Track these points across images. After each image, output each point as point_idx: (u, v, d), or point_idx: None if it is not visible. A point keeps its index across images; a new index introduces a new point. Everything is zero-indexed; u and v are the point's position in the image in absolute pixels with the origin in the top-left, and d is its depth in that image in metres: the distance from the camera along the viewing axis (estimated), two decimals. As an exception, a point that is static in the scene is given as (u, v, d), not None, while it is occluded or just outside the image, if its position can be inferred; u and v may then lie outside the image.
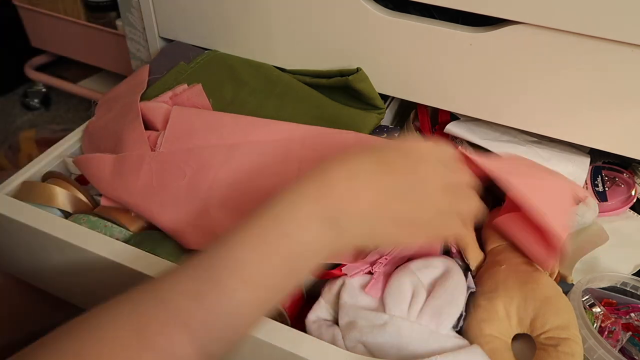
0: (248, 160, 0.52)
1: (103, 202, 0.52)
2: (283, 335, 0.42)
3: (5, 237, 0.53)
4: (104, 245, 0.46)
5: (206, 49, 0.73)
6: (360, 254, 0.47)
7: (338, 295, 0.47)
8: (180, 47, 0.73)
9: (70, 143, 0.61)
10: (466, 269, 0.49)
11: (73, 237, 0.47)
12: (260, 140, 0.54)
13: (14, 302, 0.66)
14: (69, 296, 0.58)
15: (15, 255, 0.56)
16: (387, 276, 0.46)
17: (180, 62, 0.69)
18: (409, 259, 0.49)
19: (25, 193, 0.53)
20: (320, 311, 0.47)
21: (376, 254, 0.48)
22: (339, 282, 0.47)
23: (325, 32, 0.63)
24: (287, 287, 0.35)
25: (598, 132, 0.56)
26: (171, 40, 0.75)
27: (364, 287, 0.46)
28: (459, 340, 0.44)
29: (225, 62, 0.69)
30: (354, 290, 0.46)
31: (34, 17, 1.04)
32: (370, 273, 0.47)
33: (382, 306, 0.45)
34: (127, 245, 0.46)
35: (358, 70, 0.62)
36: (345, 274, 0.46)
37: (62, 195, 0.53)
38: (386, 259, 0.48)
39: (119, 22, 0.96)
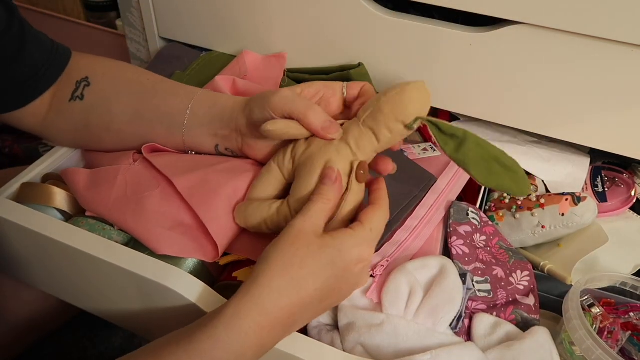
0: (221, 166, 0.52)
1: (87, 213, 0.52)
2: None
3: (5, 240, 0.54)
4: (103, 247, 0.46)
5: (205, 49, 0.73)
6: None
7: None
8: (175, 50, 0.73)
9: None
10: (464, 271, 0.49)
11: (72, 239, 0.47)
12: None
13: (33, 305, 0.67)
14: (70, 298, 0.59)
15: (15, 258, 0.56)
16: (386, 278, 0.46)
17: (176, 69, 0.69)
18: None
19: (24, 194, 0.53)
20: (321, 316, 0.47)
21: (378, 257, 0.49)
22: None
23: (326, 32, 0.63)
24: None
25: (598, 132, 0.56)
26: (171, 40, 0.75)
27: (365, 291, 0.46)
28: (455, 339, 0.44)
29: (220, 63, 0.69)
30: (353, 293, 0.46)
31: (34, 17, 1.04)
32: (371, 276, 0.47)
33: (379, 306, 0.45)
34: (125, 247, 0.47)
35: (360, 65, 0.62)
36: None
37: (60, 196, 0.53)
38: (387, 261, 0.48)
39: (119, 22, 0.96)
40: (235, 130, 0.50)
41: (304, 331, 0.46)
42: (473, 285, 0.48)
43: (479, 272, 0.49)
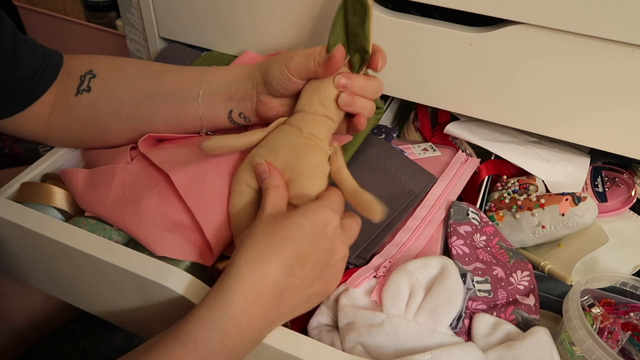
0: (220, 168, 0.52)
1: (86, 213, 0.52)
2: (282, 338, 0.42)
3: (6, 241, 0.54)
4: (102, 247, 0.46)
5: (205, 49, 0.73)
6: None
7: (338, 299, 0.47)
8: (177, 50, 0.74)
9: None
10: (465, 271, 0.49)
11: (73, 240, 0.47)
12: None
13: (33, 305, 0.67)
14: (70, 298, 0.59)
15: (16, 258, 0.56)
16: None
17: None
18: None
19: (24, 193, 0.53)
20: (321, 317, 0.47)
21: (380, 258, 0.49)
22: (340, 287, 0.47)
23: (325, 32, 0.62)
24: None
25: (598, 132, 0.56)
26: (171, 41, 0.75)
27: (369, 292, 0.46)
28: (455, 339, 0.44)
29: (221, 62, 0.69)
30: (353, 292, 0.46)
31: (34, 17, 1.04)
32: (375, 277, 0.47)
33: (380, 306, 0.45)
34: (124, 247, 0.47)
35: None
36: (350, 285, 0.46)
37: (60, 195, 0.53)
38: (390, 262, 0.48)
39: (119, 22, 0.96)
40: (252, 88, 0.51)
41: (304, 331, 0.46)
42: (473, 285, 0.48)
43: (479, 272, 0.49)
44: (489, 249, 0.52)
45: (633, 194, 0.61)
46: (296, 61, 0.48)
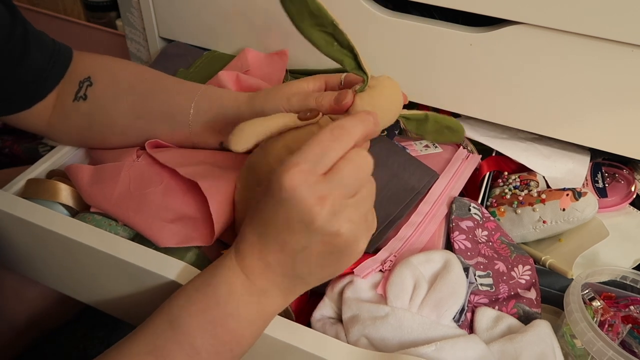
0: (225, 163, 0.52)
1: (92, 208, 0.52)
2: (286, 330, 0.42)
3: (12, 236, 0.54)
4: (110, 242, 0.46)
5: (206, 49, 0.73)
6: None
7: (342, 293, 0.47)
8: (179, 48, 0.74)
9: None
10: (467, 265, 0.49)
11: (79, 235, 0.47)
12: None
13: (32, 303, 0.67)
14: (76, 293, 0.59)
15: (22, 253, 0.56)
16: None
17: (179, 67, 0.69)
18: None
19: (30, 190, 0.53)
20: (324, 309, 0.47)
21: (386, 252, 0.49)
22: (344, 280, 0.47)
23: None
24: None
25: (598, 132, 0.56)
26: (171, 40, 0.76)
27: (374, 286, 0.46)
28: (459, 331, 0.44)
29: (223, 61, 0.70)
30: (358, 285, 0.46)
31: (34, 17, 1.04)
32: (380, 271, 0.48)
33: (384, 299, 0.45)
34: (132, 242, 0.47)
35: None
36: (358, 275, 0.47)
37: (65, 191, 0.53)
38: (395, 256, 0.48)
39: (119, 22, 0.97)
40: None
41: (308, 324, 0.47)
42: (475, 279, 0.48)
43: (481, 267, 0.50)
44: (490, 243, 0.52)
45: (633, 189, 0.62)
46: (295, 102, 0.46)
